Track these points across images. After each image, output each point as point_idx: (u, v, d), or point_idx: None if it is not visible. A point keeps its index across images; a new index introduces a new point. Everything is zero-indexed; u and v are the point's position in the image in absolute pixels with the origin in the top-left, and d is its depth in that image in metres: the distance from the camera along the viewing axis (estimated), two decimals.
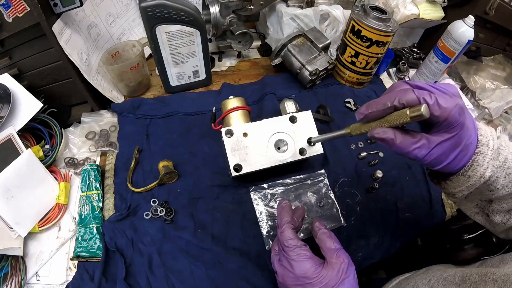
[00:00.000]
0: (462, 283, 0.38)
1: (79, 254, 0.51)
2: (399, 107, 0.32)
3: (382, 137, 0.33)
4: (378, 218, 0.61)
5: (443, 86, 0.33)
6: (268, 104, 0.74)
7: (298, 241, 0.42)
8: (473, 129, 0.34)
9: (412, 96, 0.31)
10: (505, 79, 0.93)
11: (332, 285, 0.39)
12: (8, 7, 0.52)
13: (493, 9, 0.82)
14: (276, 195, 0.60)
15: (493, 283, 0.33)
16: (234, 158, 0.54)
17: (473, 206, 0.43)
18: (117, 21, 0.75)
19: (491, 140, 0.35)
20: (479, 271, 0.37)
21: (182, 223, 0.55)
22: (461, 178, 0.36)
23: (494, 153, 0.35)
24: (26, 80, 0.64)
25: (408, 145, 0.33)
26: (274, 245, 0.47)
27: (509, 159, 0.35)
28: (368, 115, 0.35)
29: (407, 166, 0.69)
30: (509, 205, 0.39)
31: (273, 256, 0.46)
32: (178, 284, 0.49)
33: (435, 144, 0.33)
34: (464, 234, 0.66)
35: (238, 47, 0.84)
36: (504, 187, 0.36)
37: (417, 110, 0.30)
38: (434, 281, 0.43)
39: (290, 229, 0.44)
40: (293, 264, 0.41)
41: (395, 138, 0.33)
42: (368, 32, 0.70)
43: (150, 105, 0.72)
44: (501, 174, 0.35)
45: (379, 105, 0.34)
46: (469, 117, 0.34)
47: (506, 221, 0.40)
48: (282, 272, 0.42)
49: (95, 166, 0.60)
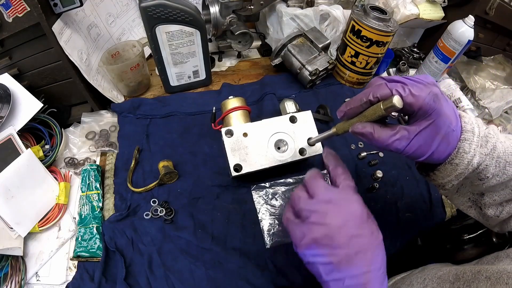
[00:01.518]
0: (455, 281, 0.37)
1: (79, 254, 0.51)
2: (374, 101, 0.33)
3: (361, 131, 0.34)
4: (378, 218, 0.60)
5: (419, 77, 0.33)
6: (268, 104, 0.74)
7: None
8: (453, 116, 0.34)
9: (385, 89, 0.33)
10: (505, 79, 0.93)
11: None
12: (8, 7, 0.52)
13: (493, 9, 0.82)
14: (278, 194, 0.60)
15: (486, 280, 0.33)
16: (234, 158, 0.54)
17: (465, 200, 0.43)
18: (117, 21, 0.75)
19: (476, 128, 0.35)
20: (473, 269, 0.37)
21: (182, 223, 0.55)
22: (448, 167, 0.36)
23: (481, 140, 0.35)
24: (26, 80, 0.64)
25: (387, 137, 0.33)
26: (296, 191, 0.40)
27: (498, 147, 0.35)
28: (347, 112, 0.36)
29: (407, 166, 0.69)
30: (501, 197, 0.38)
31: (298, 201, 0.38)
32: (178, 284, 0.49)
33: (414, 134, 0.33)
34: (464, 234, 0.66)
35: (238, 47, 0.84)
36: (494, 176, 0.36)
37: (389, 102, 0.31)
38: (428, 280, 0.43)
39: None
40: (348, 199, 0.38)
41: (373, 132, 0.34)
42: (368, 32, 0.70)
43: (150, 105, 0.72)
44: (490, 162, 0.35)
45: (355, 101, 0.35)
46: (447, 104, 0.34)
47: (499, 213, 0.39)
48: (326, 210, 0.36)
49: (95, 166, 0.60)
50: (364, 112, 0.35)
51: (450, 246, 0.67)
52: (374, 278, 0.33)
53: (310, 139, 0.50)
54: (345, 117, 0.38)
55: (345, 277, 0.33)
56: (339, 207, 0.36)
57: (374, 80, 0.35)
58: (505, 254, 0.39)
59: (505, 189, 0.38)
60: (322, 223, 0.35)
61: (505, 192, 0.38)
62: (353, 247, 0.34)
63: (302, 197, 0.38)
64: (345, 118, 0.38)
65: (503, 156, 0.35)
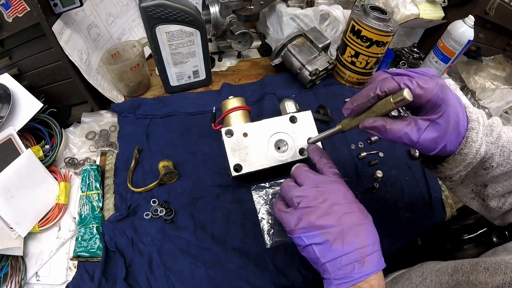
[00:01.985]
0: (454, 273, 0.38)
1: (79, 254, 0.51)
2: (382, 95, 0.33)
3: (373, 125, 0.34)
4: (378, 218, 0.60)
5: (421, 70, 0.34)
6: (268, 104, 0.74)
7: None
8: (459, 106, 0.34)
9: (392, 83, 0.32)
10: (505, 79, 0.93)
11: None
12: (8, 7, 0.52)
13: (493, 9, 0.82)
14: (278, 194, 0.60)
15: (485, 271, 0.33)
16: (234, 158, 0.54)
17: (468, 192, 0.43)
18: (117, 21, 0.75)
19: (480, 117, 0.35)
20: (471, 261, 0.37)
21: (182, 223, 0.55)
22: (457, 158, 0.36)
23: (486, 129, 0.35)
24: (26, 80, 0.64)
25: (399, 128, 0.33)
26: (284, 183, 0.42)
27: (502, 136, 0.35)
28: (354, 109, 0.36)
29: (407, 166, 0.69)
30: (504, 188, 0.39)
31: (289, 190, 0.40)
32: (178, 284, 0.49)
33: (426, 125, 0.33)
34: (464, 234, 0.66)
35: (238, 47, 0.84)
36: (499, 166, 0.36)
37: (399, 95, 0.31)
38: (427, 273, 0.43)
39: None
40: (337, 182, 0.40)
41: (386, 124, 0.33)
42: (368, 32, 0.70)
43: (150, 105, 0.72)
44: (495, 151, 0.35)
45: (362, 97, 0.35)
46: (453, 94, 0.34)
47: (502, 205, 0.40)
48: (317, 192, 0.38)
49: (95, 166, 0.60)
50: (372, 108, 0.35)
51: (450, 246, 0.67)
52: (369, 254, 0.34)
53: (310, 139, 0.50)
54: (352, 114, 0.37)
55: (341, 256, 0.34)
56: (327, 189, 0.38)
57: (378, 74, 0.35)
58: (503, 248, 0.39)
59: (508, 180, 0.38)
60: (314, 205, 0.36)
61: (508, 183, 0.38)
62: (345, 222, 0.35)
63: (292, 185, 0.40)
64: (352, 115, 0.38)
65: (507, 146, 0.35)
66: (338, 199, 0.37)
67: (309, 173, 0.41)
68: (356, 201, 0.39)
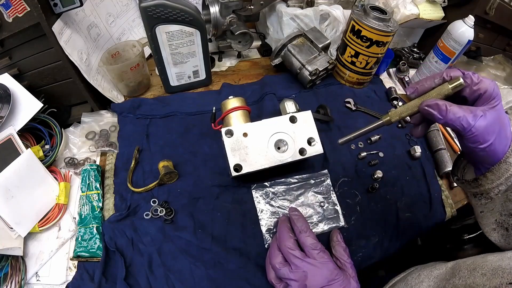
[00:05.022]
0: (451, 277, 0.38)
1: (79, 254, 0.51)
2: (447, 79, 0.37)
3: (437, 103, 0.35)
4: (378, 218, 0.61)
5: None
6: (268, 104, 0.74)
7: (321, 245, 0.47)
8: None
9: (457, 72, 0.36)
10: (505, 79, 0.93)
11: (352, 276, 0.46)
12: (8, 7, 0.52)
13: (493, 9, 0.82)
14: (278, 193, 0.60)
15: (482, 276, 0.34)
16: (234, 158, 0.54)
17: (491, 222, 0.43)
18: (117, 21, 0.75)
19: None
20: (468, 267, 0.37)
21: (182, 223, 0.55)
22: (502, 167, 0.36)
23: None
24: (26, 80, 0.64)
25: (458, 111, 0.34)
26: (273, 258, 0.47)
27: None
28: (419, 88, 0.39)
29: (407, 166, 0.69)
30: None
31: (278, 270, 0.46)
32: (178, 284, 0.49)
33: (481, 114, 0.34)
34: (464, 234, 0.66)
35: (238, 47, 0.84)
36: None
37: (456, 80, 0.35)
38: (424, 276, 0.44)
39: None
40: (320, 266, 0.44)
41: (447, 105, 0.35)
42: (368, 32, 0.70)
43: (150, 105, 0.72)
44: None
45: (429, 79, 0.38)
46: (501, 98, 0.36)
47: None
48: (304, 276, 0.43)
49: (95, 166, 0.60)
50: (428, 93, 0.38)
51: (450, 246, 0.67)
52: None
53: (341, 139, 0.44)
54: (414, 94, 0.39)
55: None
56: (315, 274, 0.43)
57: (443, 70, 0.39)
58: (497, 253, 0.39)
59: None
60: None
61: None
62: None
63: (281, 265, 0.46)
64: (414, 96, 0.40)
65: None
66: (325, 279, 0.43)
67: (296, 254, 0.45)
68: (338, 279, 0.43)
